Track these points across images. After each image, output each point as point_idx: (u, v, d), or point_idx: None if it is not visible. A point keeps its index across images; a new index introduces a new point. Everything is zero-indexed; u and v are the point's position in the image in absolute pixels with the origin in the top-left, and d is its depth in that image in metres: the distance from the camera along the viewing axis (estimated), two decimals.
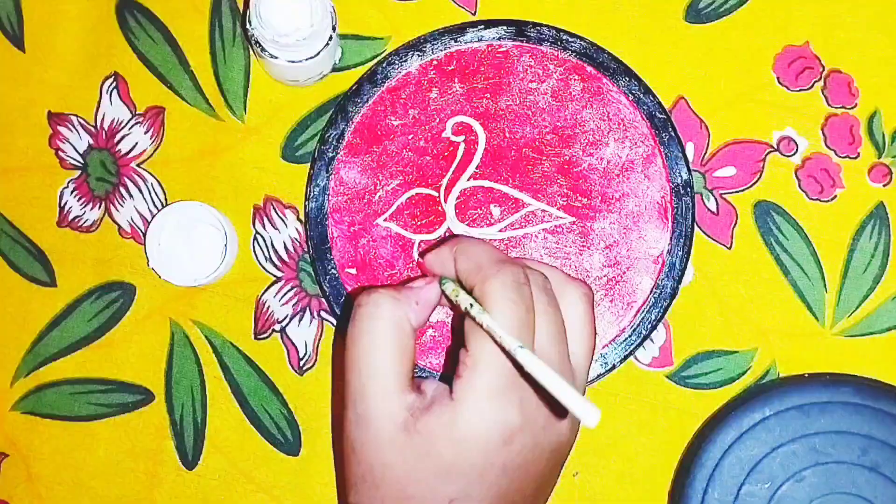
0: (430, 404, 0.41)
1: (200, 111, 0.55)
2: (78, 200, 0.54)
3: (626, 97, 0.53)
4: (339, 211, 0.53)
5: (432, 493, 0.41)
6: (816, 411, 0.51)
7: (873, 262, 0.54)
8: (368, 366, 0.42)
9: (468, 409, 0.40)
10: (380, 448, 0.41)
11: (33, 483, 0.54)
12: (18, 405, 0.54)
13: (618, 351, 0.52)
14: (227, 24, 0.55)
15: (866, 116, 0.54)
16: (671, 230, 0.52)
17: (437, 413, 0.41)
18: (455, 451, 0.40)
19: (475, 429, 0.40)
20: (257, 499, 0.53)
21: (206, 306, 0.54)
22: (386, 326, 0.42)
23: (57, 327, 0.54)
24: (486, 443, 0.40)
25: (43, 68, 0.55)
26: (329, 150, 0.53)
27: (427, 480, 0.41)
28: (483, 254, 0.44)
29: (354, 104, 0.53)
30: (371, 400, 0.42)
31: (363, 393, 0.42)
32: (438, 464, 0.41)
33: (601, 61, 0.53)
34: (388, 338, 0.42)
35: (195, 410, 0.54)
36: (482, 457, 0.40)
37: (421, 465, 0.41)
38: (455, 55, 0.53)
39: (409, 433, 0.41)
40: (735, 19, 0.55)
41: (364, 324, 0.43)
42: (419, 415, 0.41)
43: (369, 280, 0.52)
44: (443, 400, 0.41)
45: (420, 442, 0.41)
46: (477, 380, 0.40)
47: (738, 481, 0.51)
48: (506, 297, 0.41)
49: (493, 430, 0.40)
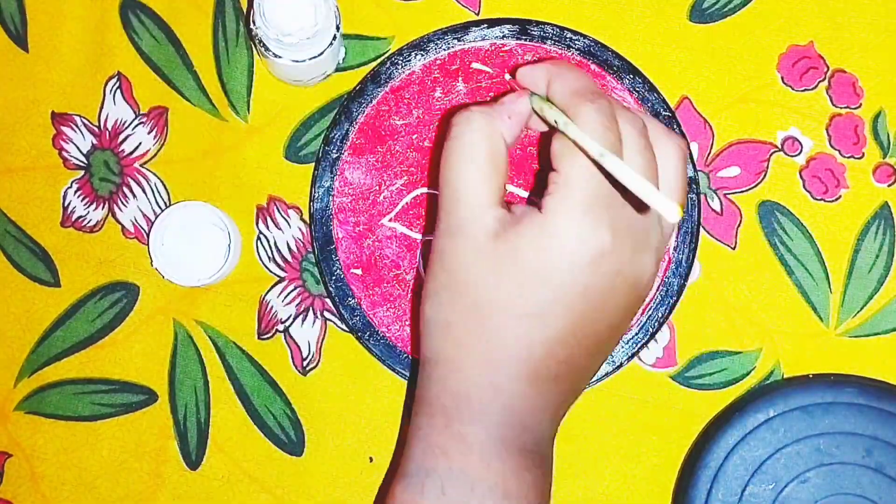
0: (519, 218, 0.41)
1: (204, 111, 0.55)
2: (81, 200, 0.54)
3: (631, 95, 0.53)
4: (343, 211, 0.53)
5: (509, 305, 0.41)
6: (821, 412, 0.51)
7: (878, 263, 0.54)
8: (463, 178, 0.42)
9: (558, 223, 0.40)
10: (466, 255, 0.42)
11: (37, 483, 0.54)
12: (22, 405, 0.54)
13: (625, 349, 0.52)
14: (231, 24, 0.55)
15: (871, 116, 0.54)
16: (677, 227, 0.52)
17: (526, 224, 0.41)
18: (540, 264, 0.40)
19: (564, 243, 0.40)
20: (261, 499, 0.53)
21: (210, 306, 0.54)
22: (480, 140, 0.43)
23: (60, 327, 0.54)
24: (573, 259, 0.40)
25: (46, 68, 0.55)
26: (333, 150, 0.53)
27: (507, 291, 0.41)
28: (580, 80, 0.43)
29: (358, 104, 0.53)
30: (463, 210, 0.42)
31: (456, 203, 0.42)
32: (522, 275, 0.41)
33: (605, 59, 0.53)
34: (482, 151, 0.42)
35: (199, 410, 0.54)
36: (566, 274, 0.40)
37: (504, 274, 0.41)
38: (459, 55, 0.53)
39: (496, 242, 0.41)
40: (739, 19, 0.55)
41: (458, 139, 0.43)
42: (508, 226, 0.41)
43: (375, 281, 0.52)
44: (532, 215, 0.41)
45: (506, 251, 0.41)
46: (569, 196, 0.40)
47: (743, 482, 0.51)
48: (598, 120, 0.41)
49: (582, 247, 0.40)
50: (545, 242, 0.40)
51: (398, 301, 0.52)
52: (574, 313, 0.41)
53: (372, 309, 0.52)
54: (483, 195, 0.42)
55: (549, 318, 0.41)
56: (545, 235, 0.40)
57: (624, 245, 0.41)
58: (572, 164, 0.41)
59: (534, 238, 0.41)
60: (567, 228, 0.40)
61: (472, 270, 0.42)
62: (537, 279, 0.41)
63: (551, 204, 0.41)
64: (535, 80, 0.45)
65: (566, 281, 0.40)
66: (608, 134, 0.41)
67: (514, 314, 0.41)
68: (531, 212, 0.41)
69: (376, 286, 0.52)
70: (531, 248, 0.40)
